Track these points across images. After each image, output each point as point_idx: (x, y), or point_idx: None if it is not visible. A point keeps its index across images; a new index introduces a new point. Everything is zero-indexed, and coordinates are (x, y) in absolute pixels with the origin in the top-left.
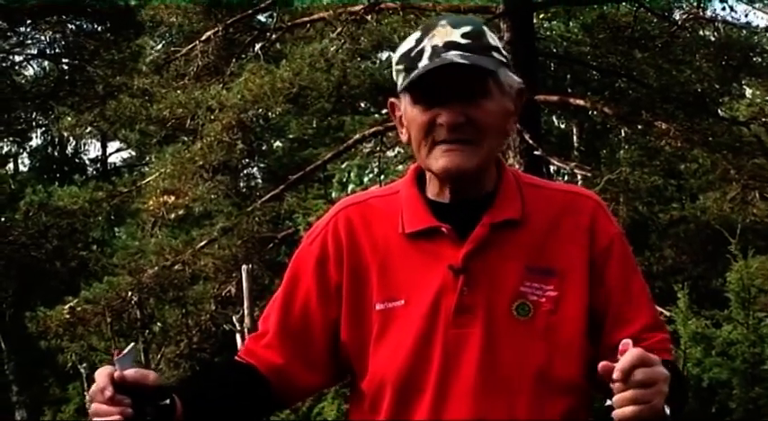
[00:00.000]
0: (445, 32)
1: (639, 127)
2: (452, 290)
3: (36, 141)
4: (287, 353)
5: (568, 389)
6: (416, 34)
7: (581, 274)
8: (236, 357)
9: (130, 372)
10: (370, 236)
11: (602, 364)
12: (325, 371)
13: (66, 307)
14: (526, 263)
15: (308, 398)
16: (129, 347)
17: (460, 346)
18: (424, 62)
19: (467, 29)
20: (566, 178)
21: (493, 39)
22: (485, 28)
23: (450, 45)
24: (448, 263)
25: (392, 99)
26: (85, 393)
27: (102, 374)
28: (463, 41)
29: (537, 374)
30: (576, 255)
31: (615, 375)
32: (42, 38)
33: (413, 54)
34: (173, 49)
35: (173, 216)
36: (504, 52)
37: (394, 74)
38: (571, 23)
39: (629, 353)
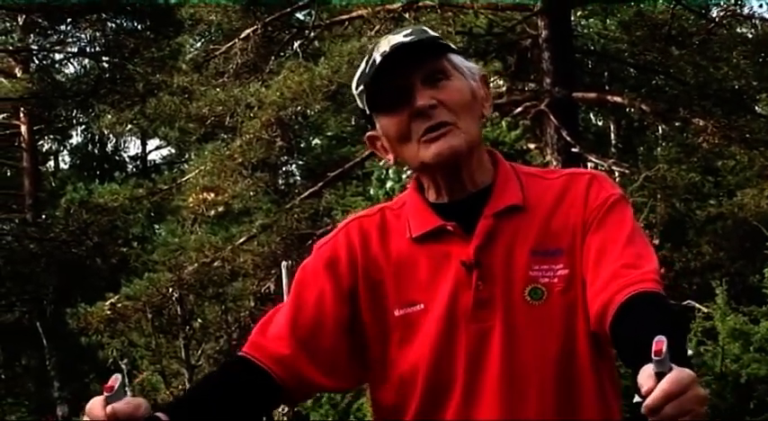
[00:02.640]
0: (389, 40)
1: (677, 124)
2: (467, 286)
3: (77, 139)
4: (296, 346)
5: (592, 368)
6: (366, 57)
7: (581, 246)
8: (239, 353)
9: (121, 406)
10: (384, 245)
11: (639, 378)
12: (334, 370)
13: (107, 303)
14: (532, 247)
15: (315, 395)
16: (118, 380)
17: (483, 341)
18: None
19: (408, 31)
20: None
21: (437, 35)
22: (428, 29)
23: (396, 46)
24: (459, 260)
25: (368, 133)
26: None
27: (95, 408)
28: (407, 39)
29: (559, 359)
30: (578, 230)
31: (644, 411)
32: (83, 36)
33: (366, 71)
34: (212, 47)
35: (212, 213)
36: (452, 45)
37: (357, 101)
38: (608, 21)
39: (657, 389)
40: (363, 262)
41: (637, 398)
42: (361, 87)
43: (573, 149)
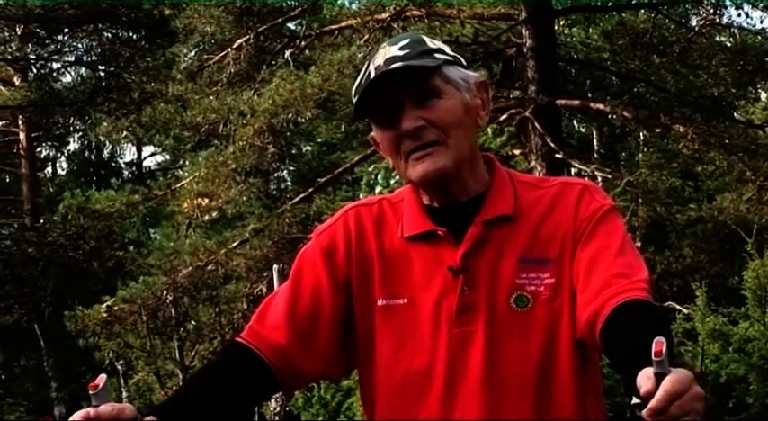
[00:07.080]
0: (385, 52)
1: (658, 130)
2: (453, 290)
3: (74, 146)
4: (293, 336)
5: (573, 378)
6: (365, 64)
7: (571, 256)
8: (237, 339)
9: (107, 409)
10: (378, 236)
11: (638, 380)
12: (328, 360)
13: (104, 306)
14: (520, 255)
15: (307, 385)
16: (103, 380)
17: (465, 345)
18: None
19: (404, 42)
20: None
21: (434, 43)
22: (424, 37)
23: (390, 60)
24: (447, 264)
25: (371, 134)
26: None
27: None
28: (401, 53)
29: (539, 368)
30: (567, 240)
31: (646, 413)
32: (79, 45)
33: (361, 82)
34: (206, 56)
35: (206, 218)
36: (449, 52)
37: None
38: (591, 30)
39: (661, 390)
40: (357, 252)
41: (635, 400)
42: (356, 98)
43: (557, 155)
